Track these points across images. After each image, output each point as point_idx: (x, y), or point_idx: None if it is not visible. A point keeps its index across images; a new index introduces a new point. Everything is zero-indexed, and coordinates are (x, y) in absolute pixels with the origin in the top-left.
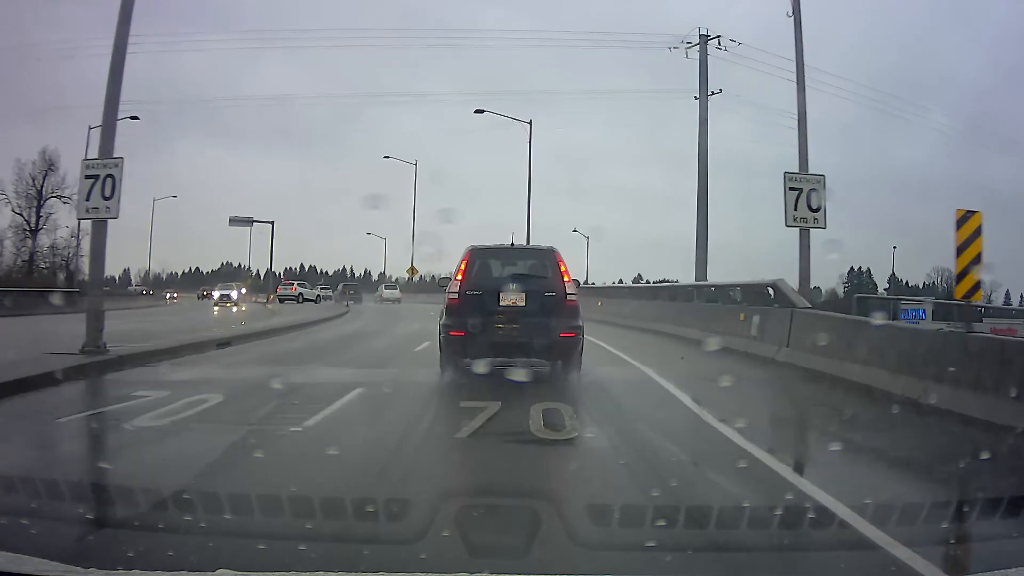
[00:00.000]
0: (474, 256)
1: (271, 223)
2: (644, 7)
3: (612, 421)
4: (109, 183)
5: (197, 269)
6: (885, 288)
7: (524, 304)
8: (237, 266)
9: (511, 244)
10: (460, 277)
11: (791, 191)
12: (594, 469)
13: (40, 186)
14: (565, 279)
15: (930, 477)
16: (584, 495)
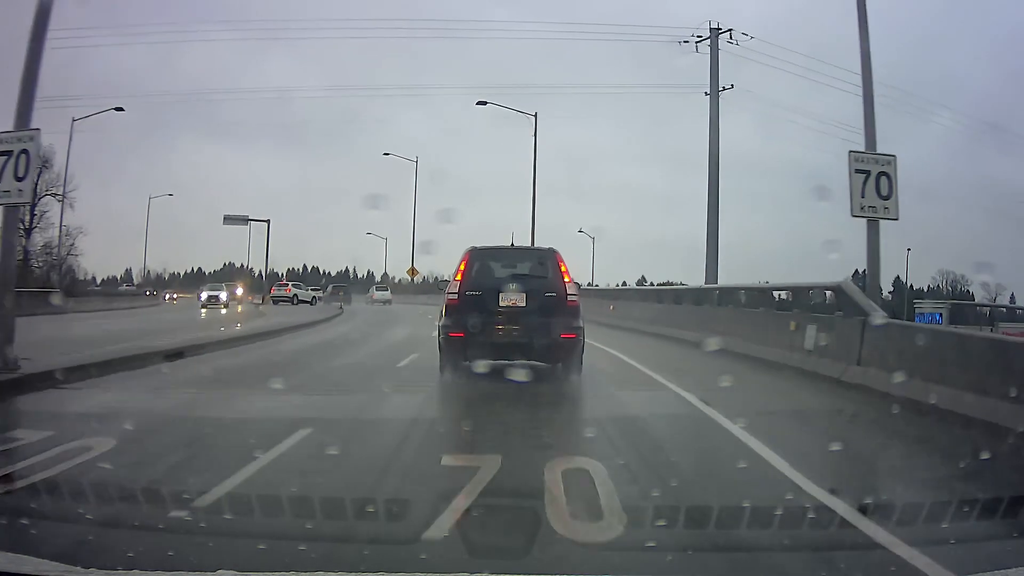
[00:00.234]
0: (474, 257)
1: (267, 222)
2: (651, 7)
3: (670, 492)
4: (23, 161)
5: (199, 269)
6: (890, 291)
7: (524, 305)
8: (240, 266)
9: (511, 244)
10: (460, 278)
11: (857, 173)
12: None
13: (35, 183)
14: (566, 280)
15: None
16: None
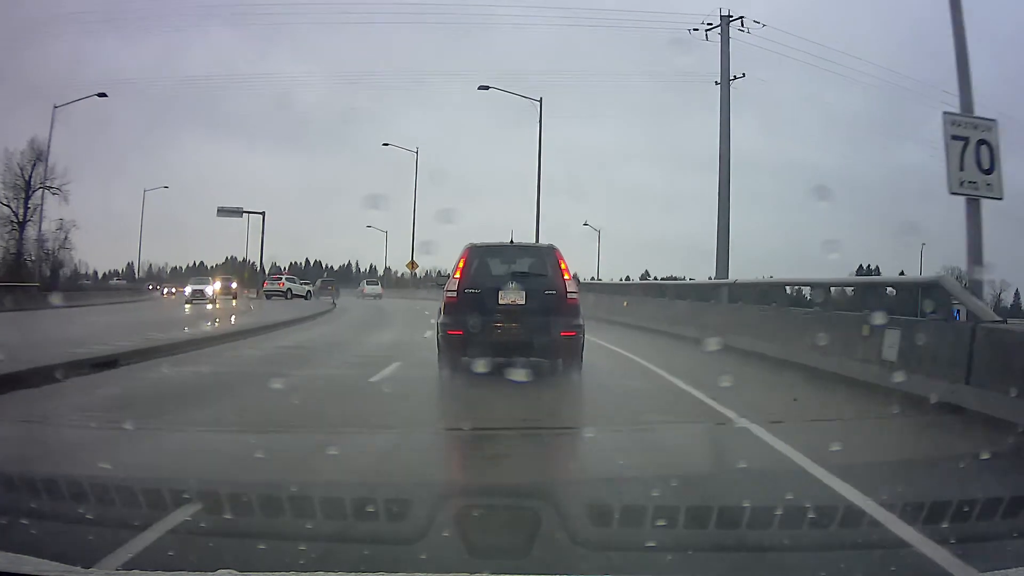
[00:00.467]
0: (473, 254)
1: (261, 214)
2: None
3: None
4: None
5: (201, 263)
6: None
7: (524, 302)
8: (242, 260)
9: (510, 242)
10: (459, 275)
11: (954, 140)
12: None
13: (28, 176)
14: (565, 277)
15: None
16: None
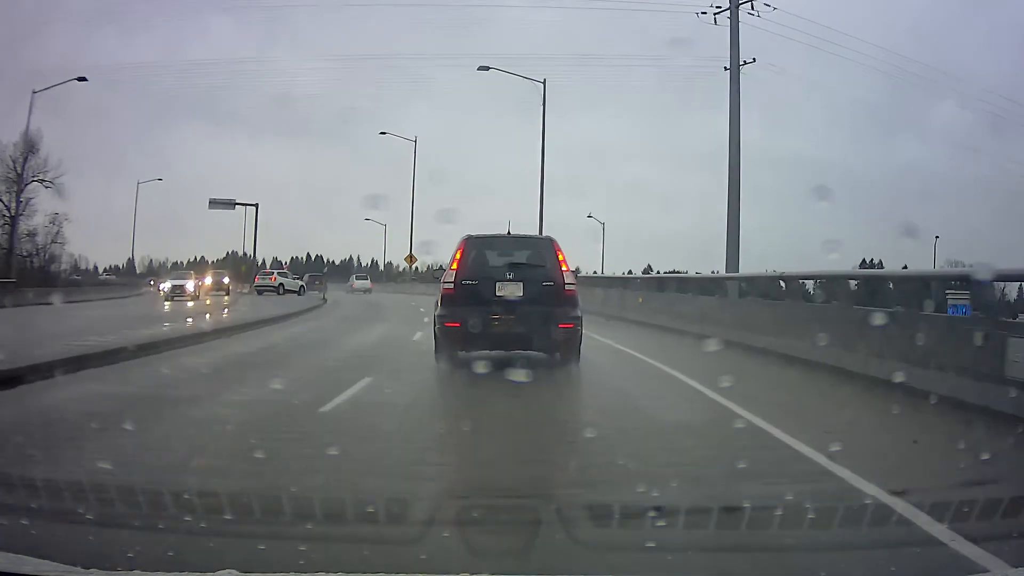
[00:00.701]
0: (470, 245)
1: (255, 206)
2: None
3: None
4: None
5: (202, 258)
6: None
7: (522, 294)
8: (243, 255)
9: (508, 233)
10: (456, 267)
11: None
12: None
13: (21, 169)
14: (563, 268)
15: None
16: None
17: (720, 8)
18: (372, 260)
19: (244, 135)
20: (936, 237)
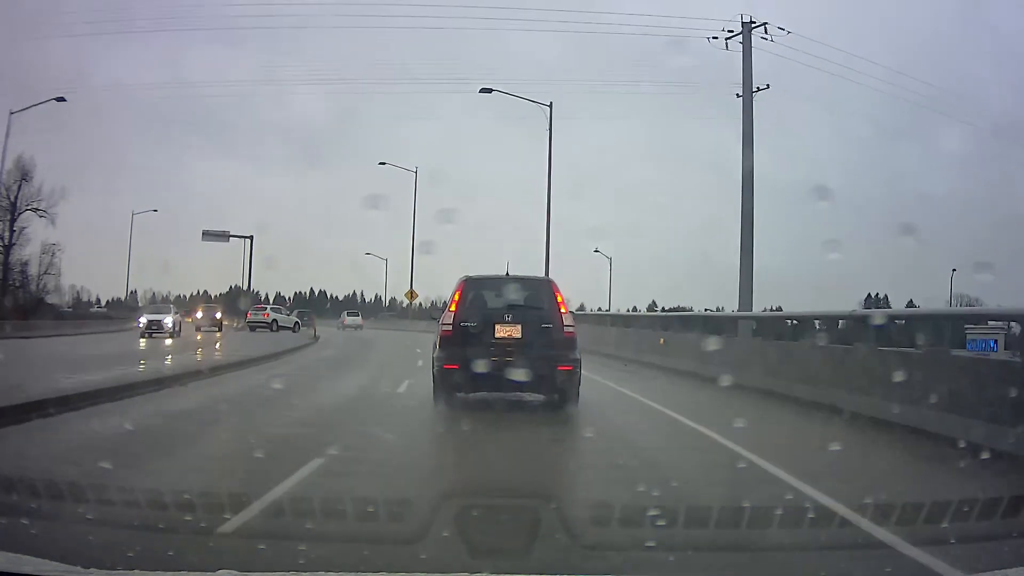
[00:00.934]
0: (468, 286)
1: (249, 238)
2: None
3: None
4: None
5: (204, 292)
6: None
7: (520, 336)
8: (247, 288)
9: (507, 274)
10: (454, 308)
11: None
12: None
13: (14, 198)
14: (562, 310)
15: None
16: None
17: (732, 33)
18: (375, 295)
19: (251, 166)
20: (953, 270)
